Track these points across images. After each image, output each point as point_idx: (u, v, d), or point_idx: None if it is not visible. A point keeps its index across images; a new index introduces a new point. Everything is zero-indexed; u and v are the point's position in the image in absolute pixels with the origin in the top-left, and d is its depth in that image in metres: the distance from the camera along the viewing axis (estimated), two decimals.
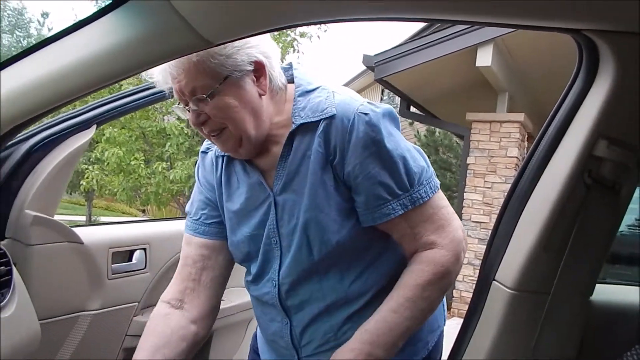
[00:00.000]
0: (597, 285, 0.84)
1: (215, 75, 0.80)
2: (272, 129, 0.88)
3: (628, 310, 0.91)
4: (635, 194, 0.81)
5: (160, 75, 0.84)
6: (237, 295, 1.46)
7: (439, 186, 0.89)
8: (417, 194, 0.84)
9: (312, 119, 0.84)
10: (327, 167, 0.84)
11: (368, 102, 0.86)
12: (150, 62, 0.71)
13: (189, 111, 0.84)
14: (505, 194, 0.91)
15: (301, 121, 0.85)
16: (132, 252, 1.23)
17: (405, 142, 0.87)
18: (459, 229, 0.89)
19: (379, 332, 0.81)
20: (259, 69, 0.84)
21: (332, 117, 0.83)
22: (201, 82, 0.80)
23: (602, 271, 0.83)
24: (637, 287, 0.98)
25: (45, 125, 1.01)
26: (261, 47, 0.85)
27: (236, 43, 0.81)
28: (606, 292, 0.93)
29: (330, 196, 0.84)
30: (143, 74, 0.90)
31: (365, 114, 0.82)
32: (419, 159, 0.87)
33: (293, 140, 0.86)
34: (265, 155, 0.90)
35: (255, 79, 0.85)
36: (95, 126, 1.07)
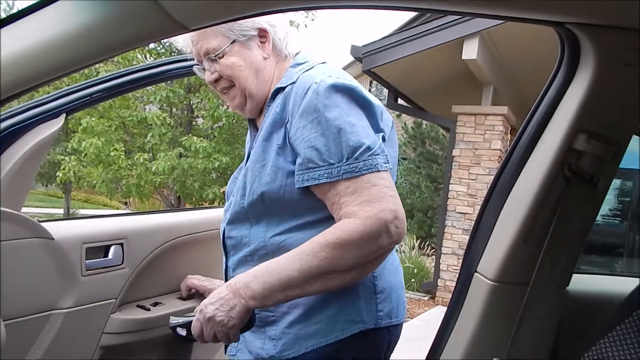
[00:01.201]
0: (573, 275, 0.85)
1: (225, 39, 0.96)
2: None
3: (602, 299, 0.93)
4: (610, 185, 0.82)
5: (184, 41, 1.01)
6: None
7: (380, 168, 0.86)
8: (347, 166, 0.85)
9: (283, 85, 0.96)
10: (280, 127, 0.92)
11: (337, 77, 0.90)
12: (123, 45, 0.67)
13: (204, 70, 1.00)
14: (489, 185, 0.92)
15: (277, 86, 0.98)
16: (107, 247, 1.19)
17: (353, 117, 0.88)
18: (387, 210, 0.83)
19: (264, 270, 0.85)
20: (263, 35, 0.98)
21: (294, 83, 0.93)
22: (213, 44, 0.96)
23: (577, 261, 0.84)
24: (611, 277, 1.01)
25: (9, 114, 0.95)
26: (267, 16, 0.98)
27: None
28: (581, 282, 0.94)
29: (272, 152, 0.91)
30: (172, 40, 1.02)
31: (317, 83, 0.89)
32: (363, 137, 0.86)
33: (272, 102, 0.98)
34: (261, 119, 1.01)
35: (260, 44, 0.99)
36: (64, 115, 1.02)
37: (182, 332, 0.92)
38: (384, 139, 0.92)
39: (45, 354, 1.04)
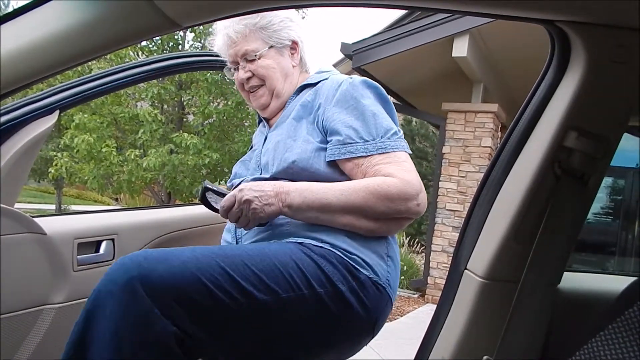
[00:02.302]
0: (564, 273, 0.86)
1: (263, 43, 1.09)
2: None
3: (594, 297, 0.94)
4: (602, 183, 0.82)
5: (221, 40, 1.11)
6: None
7: (407, 150, 1.01)
8: (382, 143, 0.98)
9: (312, 81, 1.11)
10: (309, 112, 1.05)
11: (364, 79, 1.07)
12: (117, 43, 0.67)
13: (237, 70, 1.12)
14: (479, 183, 0.92)
15: (304, 83, 1.13)
16: (99, 242, 1.19)
17: (380, 108, 1.03)
18: (418, 183, 0.96)
19: (306, 187, 0.94)
20: (294, 47, 1.14)
21: (327, 79, 1.09)
22: (253, 46, 1.08)
23: (569, 259, 0.85)
24: (603, 275, 1.02)
25: (3, 110, 0.95)
26: (300, 32, 1.15)
27: (281, 22, 1.10)
28: (573, 280, 0.95)
29: (303, 130, 1.02)
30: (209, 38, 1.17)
31: (351, 78, 1.05)
32: (390, 122, 1.02)
33: (295, 97, 1.12)
34: (278, 116, 1.14)
35: (291, 54, 1.14)
36: (58, 111, 1.02)
37: (212, 198, 0.97)
38: None
39: (36, 349, 1.04)
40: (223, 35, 1.10)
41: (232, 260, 0.80)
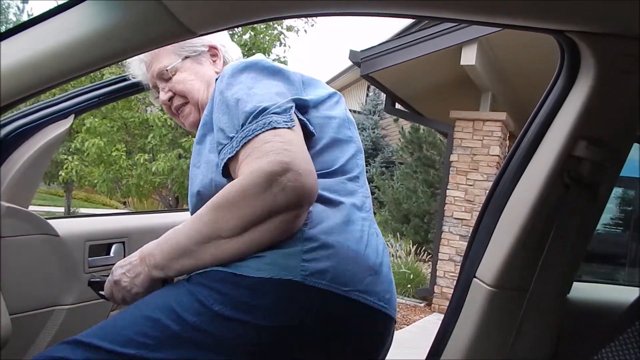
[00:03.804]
0: (574, 283, 0.85)
1: (176, 56, 1.00)
2: None
3: (604, 308, 0.93)
4: (611, 194, 0.82)
5: (137, 68, 1.04)
6: None
7: (280, 125, 0.77)
8: (243, 133, 0.78)
9: None
10: (210, 127, 0.88)
11: (241, 60, 0.92)
12: (132, 50, 0.69)
13: (158, 92, 1.02)
14: (487, 191, 0.92)
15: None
16: (110, 245, 1.20)
17: (258, 88, 0.83)
18: (274, 162, 0.72)
19: (166, 238, 0.82)
20: (214, 53, 1.04)
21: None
22: (165, 62, 0.99)
23: (578, 269, 0.84)
24: (613, 285, 1.01)
25: (21, 114, 0.97)
26: (217, 36, 1.05)
27: None
28: (583, 290, 0.95)
29: (205, 151, 0.89)
30: (127, 68, 1.08)
31: (223, 72, 0.89)
32: (261, 101, 0.80)
33: None
34: None
35: (212, 61, 1.04)
36: (73, 116, 1.04)
37: (99, 289, 0.91)
38: (304, 106, 0.86)
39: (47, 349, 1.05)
40: (138, 62, 1.03)
41: (103, 331, 0.75)
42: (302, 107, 0.86)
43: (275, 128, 0.77)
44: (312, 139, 0.86)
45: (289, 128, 0.78)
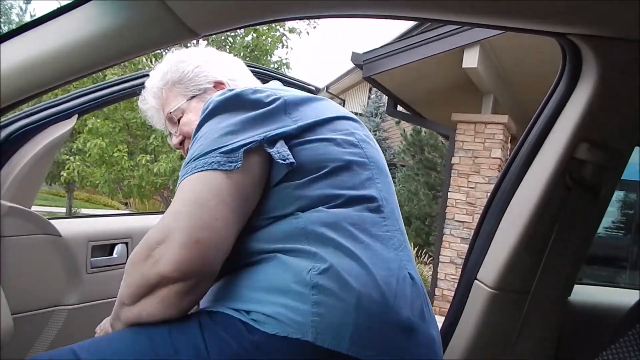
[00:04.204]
0: (575, 286, 0.85)
1: (182, 98, 0.93)
2: None
3: (605, 310, 0.93)
4: (613, 197, 0.82)
5: (157, 117, 0.99)
6: None
7: (198, 169, 0.68)
8: (182, 171, 0.71)
9: None
10: None
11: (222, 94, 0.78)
12: (135, 51, 0.69)
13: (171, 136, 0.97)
14: (488, 194, 0.92)
15: None
16: (113, 245, 1.20)
17: (216, 130, 0.72)
18: (157, 228, 0.67)
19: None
20: (220, 87, 0.93)
21: None
22: (172, 105, 0.94)
23: (579, 272, 0.84)
24: (614, 288, 1.01)
25: (24, 114, 0.97)
26: (225, 68, 0.96)
27: (196, 68, 0.94)
28: (584, 293, 0.94)
29: None
30: (148, 119, 1.02)
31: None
32: (207, 145, 0.70)
33: None
34: None
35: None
36: (76, 116, 1.04)
37: None
38: (283, 136, 0.72)
39: (49, 348, 1.05)
40: (155, 111, 0.97)
41: (97, 349, 0.69)
42: (281, 137, 0.72)
43: (191, 174, 0.68)
44: (304, 166, 0.72)
45: (227, 170, 0.67)
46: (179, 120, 0.93)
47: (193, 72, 0.93)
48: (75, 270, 1.10)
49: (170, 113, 0.93)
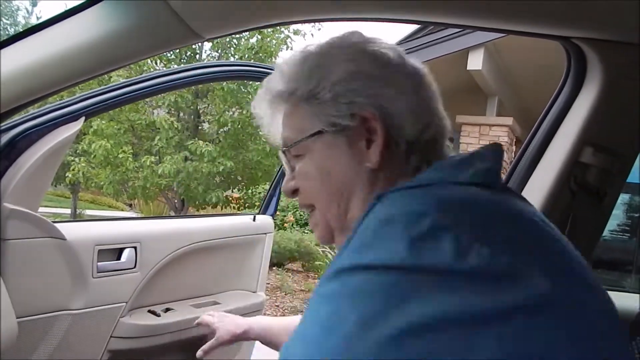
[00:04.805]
0: None
1: (313, 123, 0.55)
2: None
3: None
4: (618, 200, 0.82)
5: (270, 120, 0.62)
6: (235, 299, 1.43)
7: None
8: None
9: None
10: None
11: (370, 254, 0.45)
12: (140, 53, 0.70)
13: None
14: None
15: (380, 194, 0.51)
16: (121, 250, 1.19)
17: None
18: None
19: None
20: (371, 126, 0.53)
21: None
22: (293, 128, 0.57)
23: None
24: (619, 293, 1.00)
25: (31, 116, 0.97)
26: (385, 93, 0.54)
27: (349, 75, 0.54)
28: None
29: None
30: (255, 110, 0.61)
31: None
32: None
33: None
34: None
35: (366, 145, 0.53)
36: (83, 118, 1.04)
37: None
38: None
39: (52, 355, 1.04)
40: (275, 114, 0.61)
41: None
42: None
43: None
44: None
45: None
46: (294, 157, 0.58)
47: (342, 79, 0.54)
48: (80, 274, 1.09)
49: (287, 148, 0.58)
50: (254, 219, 1.50)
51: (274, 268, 5.90)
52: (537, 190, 0.81)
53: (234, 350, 1.43)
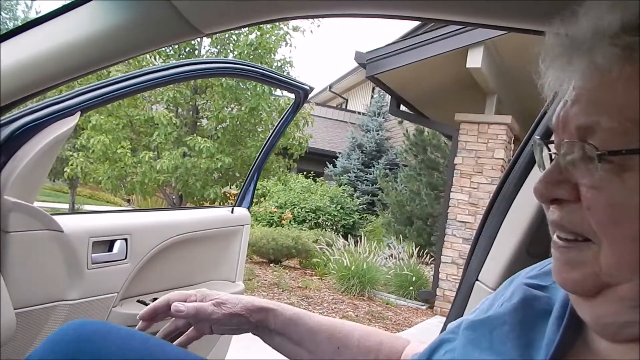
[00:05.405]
0: None
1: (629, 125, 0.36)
2: None
3: None
4: None
5: (555, 74, 0.44)
6: (216, 289, 1.45)
7: None
8: None
9: None
10: None
11: None
12: (139, 48, 0.70)
13: (550, 158, 0.45)
14: (491, 195, 0.92)
15: None
16: (112, 241, 1.21)
17: None
18: None
19: None
20: None
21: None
22: (609, 122, 0.38)
23: None
24: None
25: (28, 110, 0.98)
26: None
27: None
28: None
29: None
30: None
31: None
32: None
33: None
34: None
35: None
36: (79, 113, 1.04)
37: None
38: None
39: None
40: (560, 68, 0.43)
41: None
42: None
43: None
44: None
45: None
46: (595, 156, 0.38)
47: None
48: (76, 265, 1.10)
49: (596, 151, 0.38)
50: (232, 211, 1.54)
51: (271, 265, 5.92)
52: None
53: (208, 347, 1.45)
